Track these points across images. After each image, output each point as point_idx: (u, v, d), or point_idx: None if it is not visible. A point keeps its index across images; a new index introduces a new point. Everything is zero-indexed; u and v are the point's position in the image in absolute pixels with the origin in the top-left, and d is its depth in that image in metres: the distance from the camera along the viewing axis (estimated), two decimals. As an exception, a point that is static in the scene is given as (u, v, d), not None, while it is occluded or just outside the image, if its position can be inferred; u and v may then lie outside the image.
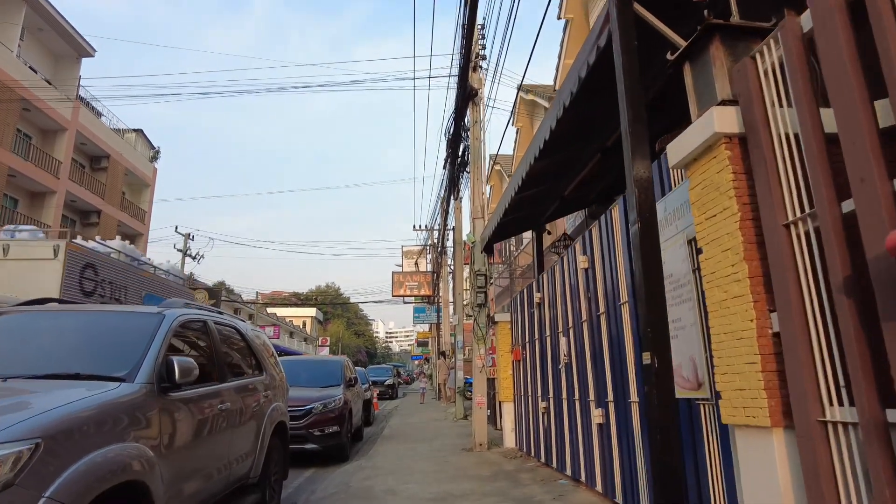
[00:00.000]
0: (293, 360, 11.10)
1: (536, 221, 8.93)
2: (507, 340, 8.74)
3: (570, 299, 5.50)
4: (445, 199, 15.18)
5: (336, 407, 8.77)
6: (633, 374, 3.86)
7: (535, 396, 6.98)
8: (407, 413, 17.10)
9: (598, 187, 7.93)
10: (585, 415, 4.98)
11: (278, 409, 5.49)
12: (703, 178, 2.68)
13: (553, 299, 6.19)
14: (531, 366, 7.17)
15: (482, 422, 8.59)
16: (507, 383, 8.58)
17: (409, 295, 24.71)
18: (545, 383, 6.48)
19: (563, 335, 5.66)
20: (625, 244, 3.97)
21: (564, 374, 5.69)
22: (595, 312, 4.67)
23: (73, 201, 28.84)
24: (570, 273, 5.47)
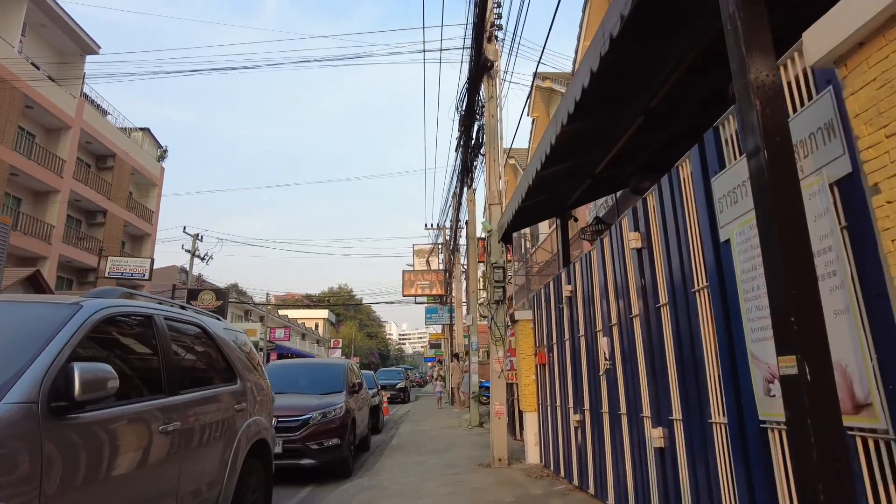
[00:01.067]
0: (289, 363, 10.16)
1: (561, 207, 7.90)
2: (528, 341, 7.71)
3: (613, 290, 4.46)
4: (458, 190, 14.16)
5: (336, 416, 7.81)
6: (718, 385, 2.82)
7: (564, 407, 5.94)
8: (418, 419, 16.11)
9: (635, 164, 6.87)
10: (637, 434, 3.94)
11: (257, 425, 4.51)
12: (873, 76, 1.65)
13: (588, 292, 5.15)
14: (560, 371, 6.13)
15: (501, 434, 7.56)
16: (530, 390, 7.54)
17: (420, 295, 23.71)
18: (579, 392, 5.44)
19: (604, 335, 4.62)
20: (704, 208, 2.93)
21: (606, 383, 4.65)
22: (653, 304, 3.63)
23: (77, 201, 28.27)
24: (613, 258, 4.43)
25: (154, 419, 2.97)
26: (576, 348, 5.54)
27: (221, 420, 3.87)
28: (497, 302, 7.90)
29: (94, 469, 2.41)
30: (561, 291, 6.07)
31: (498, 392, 7.75)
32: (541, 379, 7.04)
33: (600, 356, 4.79)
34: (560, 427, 6.13)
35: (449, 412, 17.87)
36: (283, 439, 7.30)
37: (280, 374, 9.32)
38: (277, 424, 7.33)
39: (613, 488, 4.50)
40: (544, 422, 6.91)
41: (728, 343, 2.69)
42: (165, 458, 3.03)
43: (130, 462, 2.71)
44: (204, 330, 4.15)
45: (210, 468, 3.64)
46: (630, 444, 4.11)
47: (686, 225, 3.16)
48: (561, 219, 8.01)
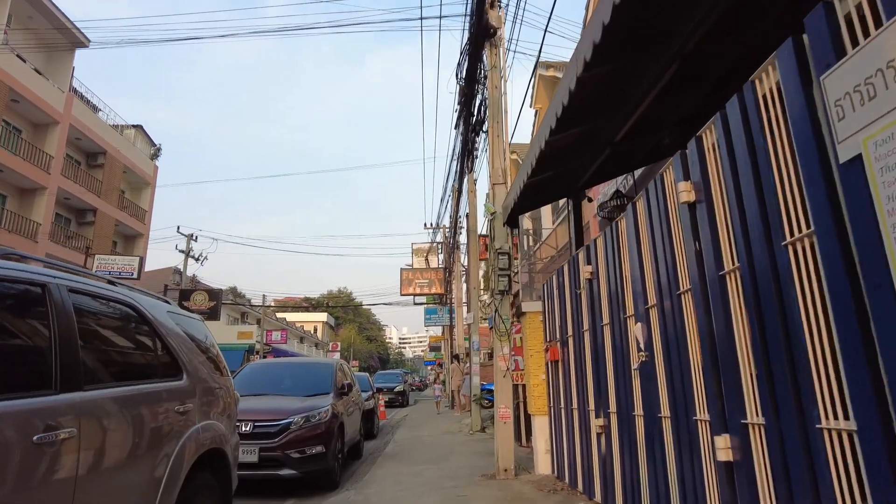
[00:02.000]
0: (271, 362, 9.27)
1: (573, 185, 7.03)
2: (538, 336, 6.83)
3: (651, 263, 3.60)
4: (457, 177, 13.30)
5: (321, 421, 6.93)
6: (830, 375, 1.95)
7: (584, 410, 5.06)
8: (416, 423, 15.21)
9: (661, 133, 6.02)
10: (689, 442, 3.06)
11: (210, 432, 3.64)
12: None
13: (615, 270, 4.28)
14: (577, 368, 5.25)
15: (507, 441, 6.68)
16: (540, 391, 6.67)
17: (418, 294, 22.80)
18: (602, 392, 4.57)
19: (639, 320, 3.76)
20: (804, 124, 2.06)
21: (640, 379, 3.78)
22: (713, 273, 2.76)
23: (66, 199, 27.43)
24: (651, 222, 3.57)
25: (26, 425, 2.10)
26: (598, 340, 4.67)
27: (154, 425, 3.00)
28: (502, 292, 7.03)
29: None
30: (578, 275, 5.21)
31: (503, 394, 6.87)
32: (553, 378, 6.16)
33: (632, 347, 3.92)
34: (578, 433, 5.25)
35: (449, 416, 16.98)
36: (259, 446, 6.43)
37: (260, 373, 8.45)
38: (254, 430, 6.48)
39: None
40: (557, 427, 6.02)
41: (854, 309, 1.82)
42: (49, 479, 2.16)
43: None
44: (137, 311, 3.28)
45: (133, 489, 2.77)
46: (676, 455, 3.24)
47: (768, 157, 2.30)
48: (573, 199, 7.15)
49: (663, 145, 5.54)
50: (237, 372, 8.46)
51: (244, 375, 8.26)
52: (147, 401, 3.01)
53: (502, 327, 6.93)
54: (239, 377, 8.23)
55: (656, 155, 6.94)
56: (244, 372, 8.35)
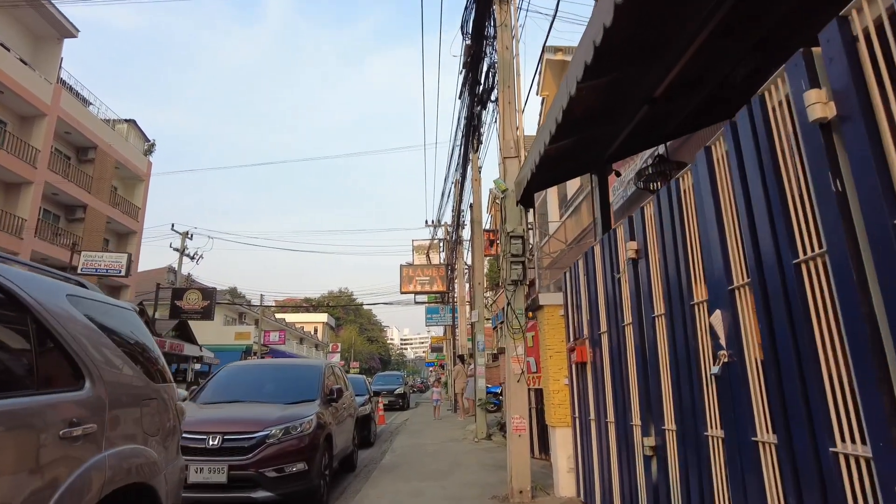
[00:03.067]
0: (250, 364, 8.25)
1: (599, 157, 6.02)
2: (557, 334, 5.81)
3: (734, 224, 2.58)
4: (461, 159, 12.26)
5: (304, 433, 5.92)
6: None
7: (625, 424, 4.04)
8: (417, 429, 14.19)
9: (707, 89, 5.00)
10: (808, 471, 2.04)
11: (130, 460, 2.62)
12: None
13: (675, 243, 3.27)
14: (614, 372, 4.23)
15: (522, 457, 5.67)
16: (561, 398, 5.65)
17: (419, 292, 21.77)
18: (654, 403, 3.55)
19: (719, 306, 2.74)
20: None
21: (717, 388, 2.75)
22: (875, 222, 1.74)
23: (55, 194, 26.47)
24: (744, 164, 2.54)
25: None
26: (647, 336, 3.65)
27: (37, 451, 2.01)
28: (515, 282, 6.01)
29: None
30: (616, 255, 4.19)
31: (517, 400, 5.84)
32: (579, 383, 5.14)
33: (703, 345, 2.90)
34: (615, 452, 4.22)
35: (451, 422, 15.94)
36: (229, 464, 5.42)
37: (238, 377, 7.44)
38: (223, 444, 5.47)
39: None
40: (585, 442, 5.00)
41: None
42: None
43: None
44: (9, 295, 2.27)
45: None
46: (797, 489, 2.21)
47: None
48: (598, 174, 6.14)
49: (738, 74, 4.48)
50: (212, 375, 7.46)
51: (218, 379, 7.25)
52: (19, 420, 2.01)
53: (515, 323, 5.91)
54: (212, 381, 7.24)
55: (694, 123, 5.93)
56: (219, 375, 7.35)
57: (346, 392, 8.43)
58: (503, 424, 12.70)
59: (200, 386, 7.23)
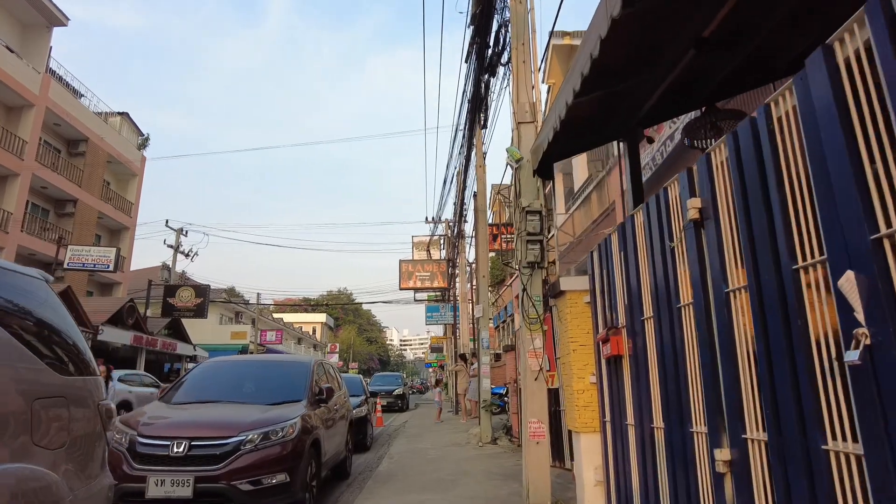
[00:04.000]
0: (230, 361, 7.41)
1: (630, 119, 5.20)
2: (582, 324, 4.98)
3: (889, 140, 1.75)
4: (466, 134, 11.43)
5: (287, 438, 5.10)
6: None
7: (680, 430, 3.21)
8: (417, 432, 13.35)
9: (765, 30, 4.18)
10: None
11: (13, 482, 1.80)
12: None
13: (765, 191, 2.44)
14: (664, 365, 3.41)
15: (541, 468, 4.84)
16: (586, 399, 4.82)
17: (419, 288, 20.91)
18: (728, 404, 2.72)
19: (851, 265, 1.91)
20: None
21: (853, 381, 1.92)
22: None
23: (43, 188, 25.64)
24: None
25: None
26: (717, 318, 2.83)
27: None
28: (532, 265, 5.19)
29: None
30: (668, 220, 3.36)
31: (535, 402, 5.01)
32: (613, 381, 4.31)
33: (816, 321, 2.08)
34: (665, 465, 3.40)
35: (453, 425, 15.10)
36: (195, 475, 4.59)
37: (216, 374, 6.61)
38: (189, 451, 4.65)
39: None
40: (620, 451, 4.17)
41: None
42: None
43: None
44: None
45: None
46: None
47: None
48: (628, 141, 5.32)
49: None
50: (187, 372, 6.63)
51: (194, 377, 6.43)
52: None
53: (532, 312, 5.08)
54: (187, 379, 6.41)
55: (744, 80, 5.11)
56: (194, 372, 6.52)
57: (338, 392, 7.61)
58: (509, 428, 11.86)
59: (173, 384, 6.41)
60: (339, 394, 7.49)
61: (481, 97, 8.53)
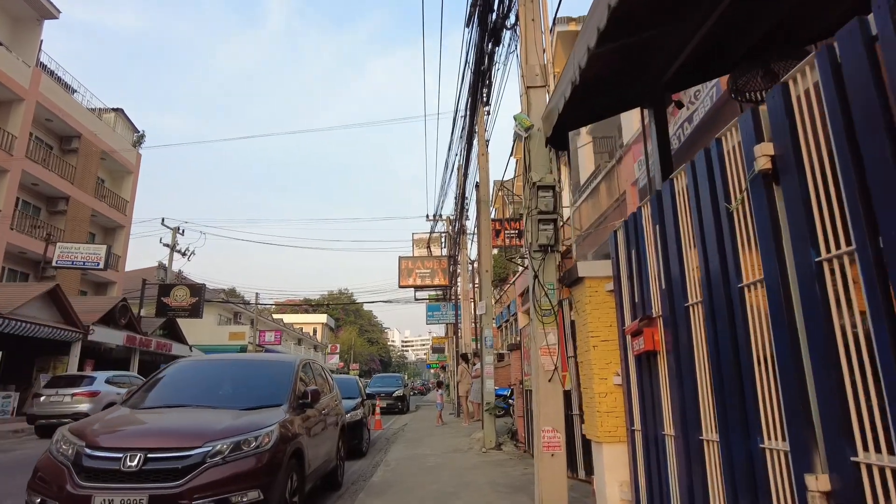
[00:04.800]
0: (205, 361, 6.71)
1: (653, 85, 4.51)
2: (603, 315, 4.29)
3: None
4: (468, 112, 10.73)
5: (262, 449, 4.41)
6: None
7: (742, 444, 2.51)
8: (417, 436, 12.65)
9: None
10: None
11: None
12: None
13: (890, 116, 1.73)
14: (718, 362, 2.72)
15: (556, 483, 4.15)
16: (610, 404, 4.13)
17: (419, 286, 20.18)
18: (825, 414, 2.02)
19: None
20: None
21: None
22: None
23: (34, 185, 24.99)
24: None
25: None
26: (800, 296, 2.13)
27: None
28: (544, 248, 4.50)
29: None
30: (724, 179, 2.66)
31: (550, 407, 4.31)
32: (643, 382, 3.61)
33: None
34: (722, 489, 2.69)
35: (455, 428, 14.39)
36: (149, 493, 3.91)
37: (189, 376, 5.92)
38: (143, 465, 3.96)
39: None
40: (654, 466, 3.47)
41: None
42: None
43: None
44: None
45: None
46: None
47: None
48: (654, 106, 4.62)
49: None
50: (157, 373, 5.96)
51: (164, 379, 5.73)
52: None
53: (546, 302, 4.39)
54: (157, 381, 5.73)
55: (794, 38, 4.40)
56: (166, 373, 5.83)
57: (327, 395, 6.92)
58: (514, 432, 11.16)
59: (140, 385, 5.72)
60: (328, 397, 6.80)
61: (483, 70, 7.83)
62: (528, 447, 9.36)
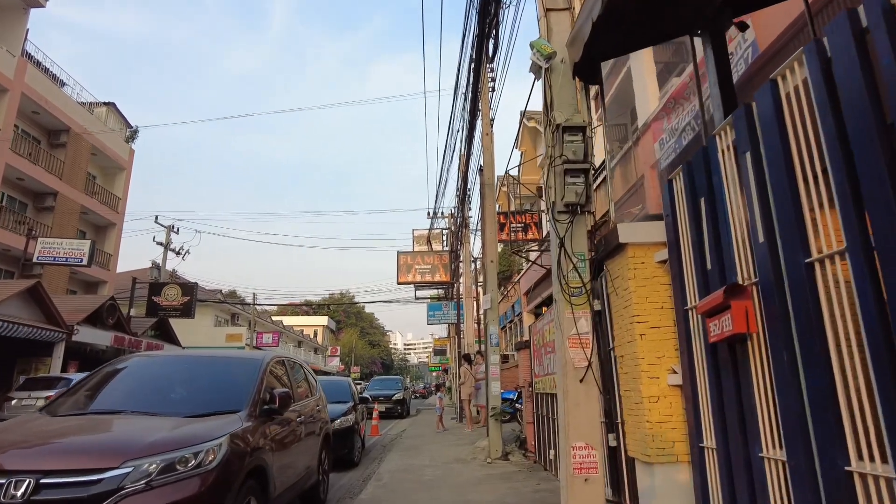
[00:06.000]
0: (161, 357, 5.70)
1: (707, 4, 3.49)
2: (653, 294, 3.24)
3: None
4: (470, 77, 9.67)
5: (203, 469, 3.37)
6: None
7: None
8: (415, 444, 11.58)
9: None
10: None
11: None
12: None
13: None
14: (879, 348, 1.63)
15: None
16: (663, 411, 3.08)
17: (419, 282, 19.10)
18: None
19: None
20: None
21: None
22: None
23: (20, 179, 24.03)
24: None
25: None
26: None
27: None
28: (572, 208, 3.45)
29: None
30: (867, 68, 1.61)
31: (581, 415, 3.25)
32: (721, 381, 2.56)
33: None
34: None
35: (457, 434, 13.31)
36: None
37: (132, 375, 4.88)
38: (32, 495, 2.93)
39: None
40: (746, 497, 2.41)
41: None
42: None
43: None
44: None
45: None
46: None
47: None
48: (710, 30, 3.59)
49: None
50: (95, 372, 4.92)
51: (105, 377, 4.70)
52: None
53: (574, 278, 3.35)
54: (94, 381, 4.70)
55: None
56: (110, 370, 4.79)
57: (305, 399, 5.89)
58: (523, 440, 10.08)
59: (74, 385, 4.69)
60: (306, 402, 5.76)
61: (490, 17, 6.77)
62: (538, 457, 8.31)
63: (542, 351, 7.83)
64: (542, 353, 7.96)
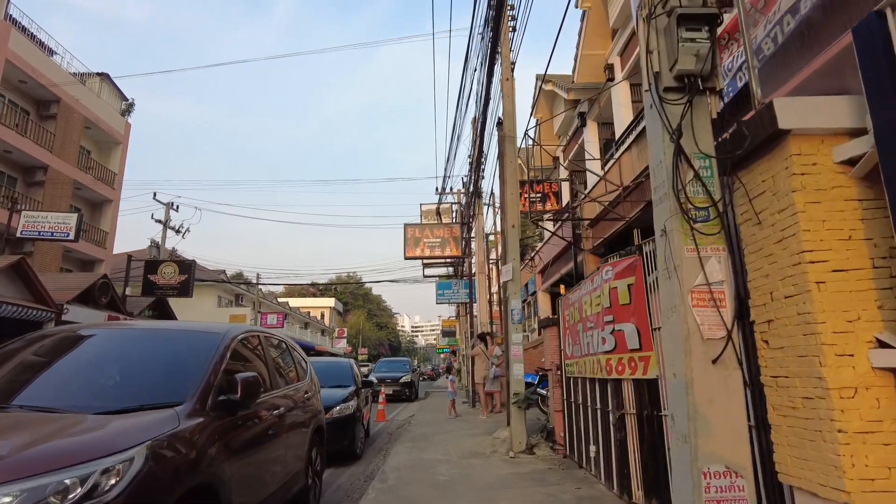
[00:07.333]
0: (90, 328, 4.41)
1: None
2: (831, 220, 1.89)
3: None
4: (488, 56, 8.26)
5: (101, 497, 2.08)
6: None
7: None
8: (426, 431, 10.37)
9: None
10: None
11: None
12: None
13: None
14: None
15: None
16: (865, 414, 1.74)
17: (427, 257, 17.74)
18: None
19: None
20: None
21: None
22: None
23: (7, 152, 22.80)
24: None
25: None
26: None
27: None
28: (688, 80, 2.10)
29: None
30: None
31: (717, 417, 1.92)
32: None
33: None
34: None
35: (471, 421, 12.07)
36: None
37: (47, 354, 3.62)
38: None
39: None
40: None
41: None
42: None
43: None
44: None
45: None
46: None
47: None
48: None
49: None
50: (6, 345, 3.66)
51: (8, 355, 3.45)
52: None
53: (700, 194, 2.02)
54: (17, 357, 3.44)
55: None
56: (18, 345, 3.54)
57: (291, 386, 4.63)
58: (550, 430, 8.79)
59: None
60: (287, 389, 4.50)
61: None
62: (569, 451, 7.07)
63: (579, 327, 6.52)
64: (577, 329, 6.67)
